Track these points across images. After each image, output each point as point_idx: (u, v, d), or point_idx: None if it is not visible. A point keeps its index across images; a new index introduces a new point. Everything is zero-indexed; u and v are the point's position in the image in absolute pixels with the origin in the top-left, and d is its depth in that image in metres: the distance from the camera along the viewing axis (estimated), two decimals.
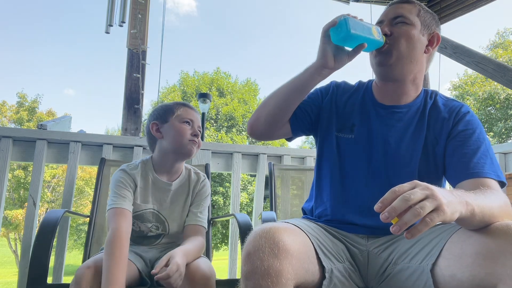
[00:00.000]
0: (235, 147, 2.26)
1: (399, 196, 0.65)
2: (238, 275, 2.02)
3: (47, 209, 14.27)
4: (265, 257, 0.75)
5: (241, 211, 2.16)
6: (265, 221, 1.44)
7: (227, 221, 2.72)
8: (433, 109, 1.08)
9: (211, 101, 9.63)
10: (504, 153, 2.18)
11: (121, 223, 1.21)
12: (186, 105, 1.44)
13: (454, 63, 3.58)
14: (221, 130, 17.23)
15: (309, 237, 0.91)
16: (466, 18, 3.68)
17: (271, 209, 1.91)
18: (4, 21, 46.83)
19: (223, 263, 3.21)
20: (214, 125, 17.46)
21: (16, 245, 15.06)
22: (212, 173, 2.02)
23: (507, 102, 16.35)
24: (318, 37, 1.01)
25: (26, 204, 4.68)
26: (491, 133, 16.42)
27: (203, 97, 8.52)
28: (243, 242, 0.88)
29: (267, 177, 2.09)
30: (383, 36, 1.03)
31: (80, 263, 1.63)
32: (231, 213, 1.96)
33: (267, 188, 2.06)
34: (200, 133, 1.40)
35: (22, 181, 13.41)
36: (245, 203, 13.91)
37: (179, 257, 1.14)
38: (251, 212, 2.38)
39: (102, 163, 1.86)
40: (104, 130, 31.62)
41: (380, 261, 0.99)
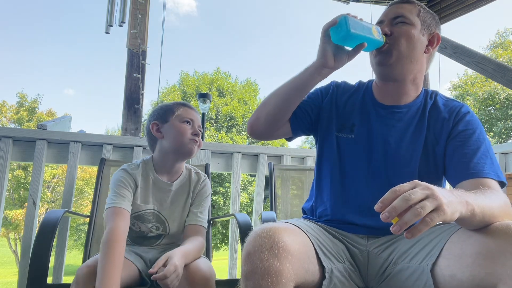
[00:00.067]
0: (235, 147, 2.26)
1: (399, 196, 0.65)
2: (238, 275, 2.02)
3: (47, 209, 14.27)
4: (265, 257, 0.75)
5: (241, 211, 2.16)
6: (265, 221, 1.44)
7: (227, 221, 2.71)
8: (433, 109, 1.08)
9: (211, 101, 9.63)
10: (504, 153, 2.18)
11: (118, 222, 1.20)
12: (186, 105, 1.44)
13: (454, 63, 3.58)
14: (221, 130, 17.23)
15: (309, 237, 0.91)
16: (466, 18, 3.69)
17: (271, 209, 1.90)
18: (4, 21, 46.91)
19: (223, 263, 3.21)
20: (214, 125, 17.46)
21: (16, 245, 15.06)
22: (212, 173, 2.02)
23: (507, 102, 16.35)
24: (318, 37, 1.01)
25: (26, 204, 4.68)
26: (491, 133, 16.42)
27: (203, 97, 8.52)
28: (243, 242, 0.88)
29: (267, 177, 2.09)
30: (383, 36, 1.03)
31: (80, 263, 1.63)
32: (231, 213, 1.96)
33: (267, 188, 2.06)
34: (200, 132, 1.40)
35: (22, 181, 13.41)
36: (245, 203, 13.90)
37: (177, 258, 1.14)
38: (251, 212, 2.38)
39: (102, 163, 1.86)
40: (104, 130, 31.67)
41: (380, 261, 0.99)
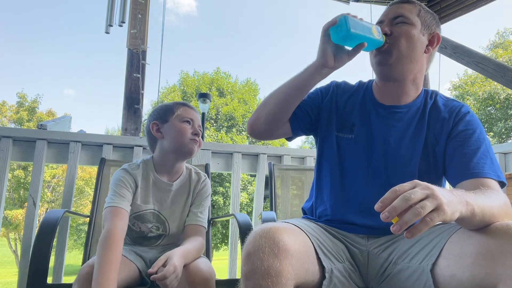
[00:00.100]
0: (235, 147, 2.26)
1: (399, 195, 0.65)
2: (238, 275, 2.02)
3: (47, 209, 14.27)
4: (265, 257, 0.75)
5: (241, 211, 2.16)
6: (265, 221, 1.44)
7: (227, 221, 2.71)
8: (433, 109, 1.08)
9: (211, 101, 9.62)
10: (504, 153, 2.18)
11: (116, 222, 1.20)
12: (186, 104, 1.44)
13: (454, 63, 3.58)
14: (221, 130, 17.23)
15: (309, 237, 0.91)
16: (466, 18, 3.69)
17: (271, 209, 1.90)
18: (4, 21, 46.94)
19: (223, 263, 3.21)
20: (214, 125, 17.46)
21: (16, 245, 15.06)
22: (212, 173, 2.02)
23: (507, 102, 16.35)
24: (318, 37, 1.01)
25: (26, 204, 4.68)
26: (491, 133, 16.42)
27: (203, 97, 8.52)
28: (243, 242, 0.88)
29: (267, 177, 2.09)
30: (383, 35, 1.03)
31: (80, 263, 1.63)
32: (231, 213, 1.96)
33: (267, 188, 2.06)
34: (200, 132, 1.40)
35: (22, 181, 13.41)
36: (245, 203, 13.90)
37: (177, 258, 1.13)
38: (251, 212, 2.38)
39: (102, 163, 1.86)
40: (104, 130, 31.66)
41: (380, 261, 0.99)
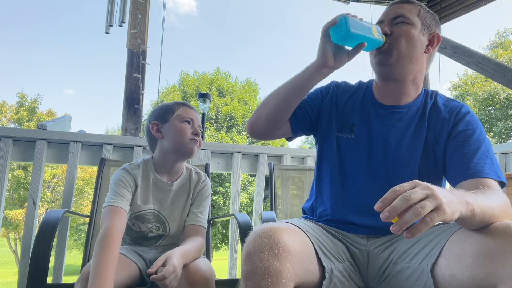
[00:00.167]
0: (235, 147, 2.26)
1: (399, 195, 0.65)
2: (238, 275, 2.02)
3: (47, 209, 14.27)
4: (265, 257, 0.75)
5: (241, 211, 2.16)
6: (265, 221, 1.44)
7: (227, 221, 2.71)
8: (433, 109, 1.08)
9: (211, 101, 9.62)
10: (504, 153, 2.18)
11: (115, 221, 1.19)
12: (185, 104, 1.44)
13: (454, 63, 3.58)
14: (221, 130, 17.23)
15: (309, 237, 0.91)
16: (466, 18, 3.69)
17: (271, 209, 1.90)
18: (4, 21, 46.94)
19: (223, 263, 3.21)
20: (214, 125, 17.46)
21: (16, 245, 15.06)
22: (212, 173, 2.02)
23: (507, 102, 16.35)
24: (318, 37, 1.01)
25: (26, 204, 4.68)
26: (491, 133, 16.42)
27: (203, 97, 8.52)
28: (243, 242, 0.88)
29: (267, 177, 2.09)
30: (383, 35, 1.03)
31: (80, 263, 1.63)
32: (231, 213, 1.96)
33: (267, 188, 2.06)
34: (200, 132, 1.40)
35: (22, 181, 13.41)
36: (245, 203, 13.90)
37: (176, 258, 1.13)
38: (251, 212, 2.38)
39: (102, 163, 1.86)
40: (104, 130, 31.68)
41: (380, 261, 0.99)
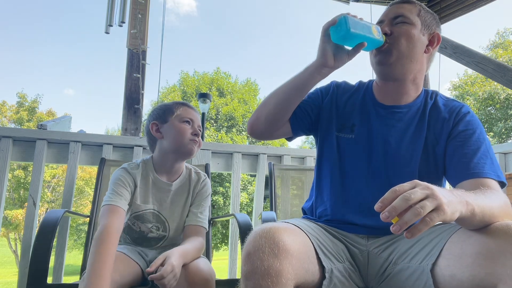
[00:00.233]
0: (235, 147, 2.26)
1: (399, 195, 0.65)
2: (238, 275, 2.02)
3: (47, 209, 14.27)
4: (265, 257, 0.75)
5: (241, 211, 2.16)
6: (265, 221, 1.44)
7: (227, 221, 2.71)
8: (433, 109, 1.08)
9: (211, 101, 9.62)
10: (504, 153, 2.18)
11: (112, 220, 1.19)
12: (185, 104, 1.43)
13: (454, 63, 3.58)
14: (221, 130, 17.22)
15: (309, 237, 0.91)
16: (466, 18, 3.69)
17: (271, 209, 1.90)
18: (4, 21, 46.95)
19: (223, 263, 3.21)
20: (214, 125, 17.45)
21: (16, 245, 15.06)
22: (212, 173, 2.02)
23: (507, 102, 16.35)
24: (318, 37, 1.02)
25: (26, 204, 4.68)
26: (491, 133, 16.41)
27: (203, 97, 8.52)
28: (243, 242, 0.88)
29: (267, 177, 2.09)
30: (383, 35, 1.03)
31: (80, 263, 1.63)
32: (231, 213, 1.96)
33: (267, 188, 2.06)
34: (200, 132, 1.40)
35: (22, 181, 13.40)
36: (245, 203, 13.90)
37: (175, 258, 1.13)
38: (251, 212, 2.38)
39: (102, 163, 1.86)
40: (104, 130, 31.68)
41: (380, 261, 0.99)
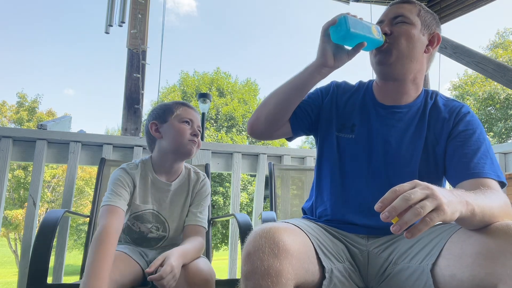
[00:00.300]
0: (235, 147, 2.26)
1: (399, 195, 0.65)
2: (238, 275, 2.02)
3: (47, 209, 14.27)
4: (265, 257, 0.75)
5: (241, 211, 2.16)
6: (265, 221, 1.44)
7: (227, 221, 2.71)
8: (433, 109, 1.08)
9: (211, 101, 9.63)
10: (504, 153, 2.18)
11: (112, 220, 1.19)
12: (185, 104, 1.43)
13: (454, 63, 3.58)
14: (221, 130, 17.22)
15: (309, 237, 0.91)
16: (466, 18, 3.69)
17: (271, 209, 1.90)
18: (4, 21, 46.95)
19: (223, 263, 3.21)
20: (214, 125, 17.45)
21: (16, 245, 15.06)
22: (212, 173, 2.02)
23: (507, 102, 16.35)
24: (318, 37, 1.02)
25: (26, 204, 4.68)
26: (491, 133, 16.41)
27: (203, 97, 8.52)
28: (243, 242, 0.88)
29: (267, 177, 2.09)
30: (383, 35, 1.03)
31: (80, 263, 1.63)
32: (231, 213, 1.96)
33: (267, 188, 2.06)
34: (199, 132, 1.39)
35: (22, 181, 13.41)
36: (245, 203, 13.90)
37: (174, 258, 1.12)
38: (251, 212, 2.38)
39: (102, 163, 1.86)
40: (104, 130, 31.68)
41: (380, 261, 0.99)
